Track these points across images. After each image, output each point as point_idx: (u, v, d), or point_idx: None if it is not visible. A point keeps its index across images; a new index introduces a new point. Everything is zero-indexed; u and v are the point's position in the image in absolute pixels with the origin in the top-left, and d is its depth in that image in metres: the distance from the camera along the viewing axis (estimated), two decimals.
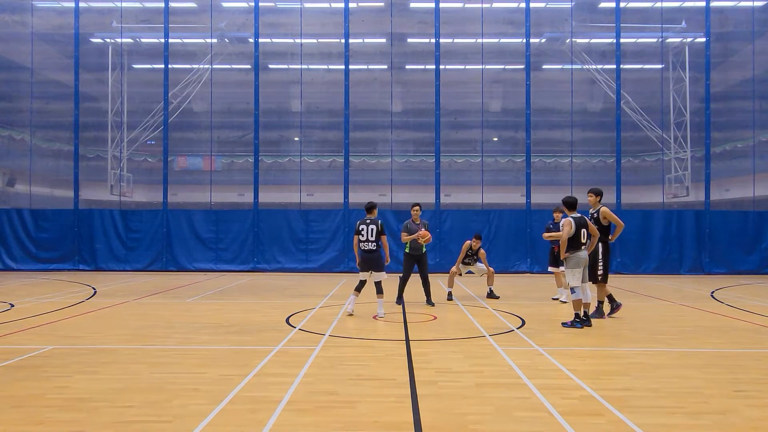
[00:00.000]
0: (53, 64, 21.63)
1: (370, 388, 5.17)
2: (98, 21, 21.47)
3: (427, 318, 9.37)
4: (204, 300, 11.78)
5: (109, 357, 6.45)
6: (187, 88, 21.14)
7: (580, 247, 8.44)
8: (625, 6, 20.58)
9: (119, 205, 20.77)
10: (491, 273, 12.04)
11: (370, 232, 9.21)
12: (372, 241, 9.20)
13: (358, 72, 21.60)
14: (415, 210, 10.82)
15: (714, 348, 7.10)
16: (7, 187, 21.43)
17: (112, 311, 10.02)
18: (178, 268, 19.13)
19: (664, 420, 4.34)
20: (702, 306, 11.00)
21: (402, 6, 21.60)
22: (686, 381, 5.46)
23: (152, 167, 22.64)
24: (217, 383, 5.32)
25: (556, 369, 5.92)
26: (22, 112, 21.20)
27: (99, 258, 19.16)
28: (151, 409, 4.59)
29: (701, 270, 18.83)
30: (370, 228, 9.22)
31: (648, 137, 21.02)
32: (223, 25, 21.49)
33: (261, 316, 9.55)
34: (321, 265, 19.13)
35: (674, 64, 21.72)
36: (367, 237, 9.21)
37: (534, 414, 4.47)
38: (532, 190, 19.63)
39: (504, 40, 21.64)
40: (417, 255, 10.68)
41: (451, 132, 22.50)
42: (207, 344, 7.23)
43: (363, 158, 23.62)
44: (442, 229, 19.22)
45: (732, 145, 21.64)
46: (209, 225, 19.44)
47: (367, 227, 9.24)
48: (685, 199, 21.09)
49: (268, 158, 23.26)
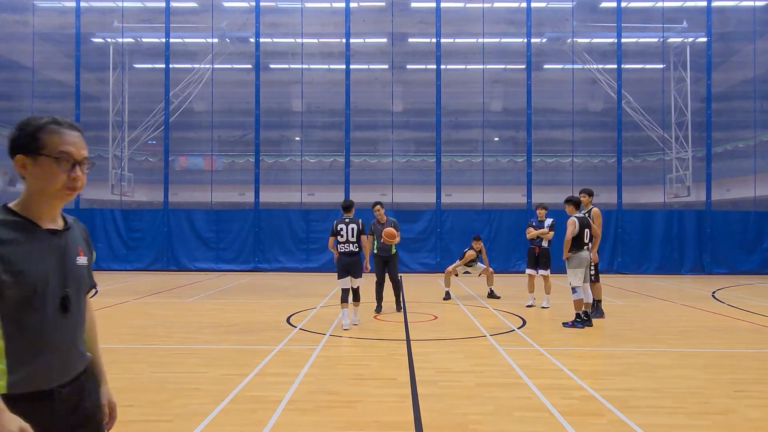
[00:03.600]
0: (54, 63, 21.66)
1: (371, 388, 5.17)
2: (99, 21, 21.50)
3: (427, 318, 9.37)
4: (205, 299, 11.78)
5: (109, 356, 6.46)
6: (188, 87, 21.15)
7: (583, 247, 8.45)
8: (626, 6, 20.57)
9: (120, 205, 20.79)
10: (491, 273, 12.02)
11: (350, 232, 8.40)
12: (353, 242, 8.40)
13: (359, 72, 21.60)
14: (377, 210, 9.99)
15: (715, 348, 7.10)
16: (8, 187, 21.44)
17: (112, 311, 10.03)
18: (179, 267, 19.14)
19: (664, 420, 4.34)
20: (703, 306, 10.99)
21: (403, 6, 21.60)
22: (687, 381, 5.46)
23: (153, 167, 22.67)
24: (218, 383, 5.32)
25: (556, 369, 5.92)
26: (23, 112, 21.20)
27: (100, 257, 19.15)
28: (151, 408, 4.59)
29: (702, 270, 18.81)
30: (350, 227, 8.42)
31: (649, 137, 21.01)
32: (224, 24, 21.50)
33: (262, 315, 9.55)
34: (322, 264, 19.12)
35: (675, 63, 21.71)
36: (347, 238, 8.40)
37: (534, 414, 4.47)
38: (533, 190, 19.60)
39: (505, 40, 21.63)
40: (386, 256, 9.86)
41: (452, 132, 22.51)
42: (208, 344, 7.23)
43: (364, 158, 23.64)
44: (442, 229, 19.22)
45: (733, 145, 21.62)
46: (210, 225, 19.44)
47: (346, 227, 8.43)
48: (686, 199, 21.08)
49: (269, 158, 23.28)
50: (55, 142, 1.74)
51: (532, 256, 10.73)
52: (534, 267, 10.67)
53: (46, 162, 1.73)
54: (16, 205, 1.75)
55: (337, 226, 8.48)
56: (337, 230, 8.46)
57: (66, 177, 1.75)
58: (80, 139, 1.81)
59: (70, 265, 1.82)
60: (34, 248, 1.72)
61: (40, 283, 1.70)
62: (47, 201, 1.77)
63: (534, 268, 10.67)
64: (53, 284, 1.73)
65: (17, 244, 1.68)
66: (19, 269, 1.66)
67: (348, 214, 8.61)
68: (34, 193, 1.76)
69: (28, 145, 1.74)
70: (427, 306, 10.72)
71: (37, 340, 1.71)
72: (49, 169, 1.73)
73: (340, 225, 8.48)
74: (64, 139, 1.76)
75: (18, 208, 1.75)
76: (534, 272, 10.67)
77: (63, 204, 1.84)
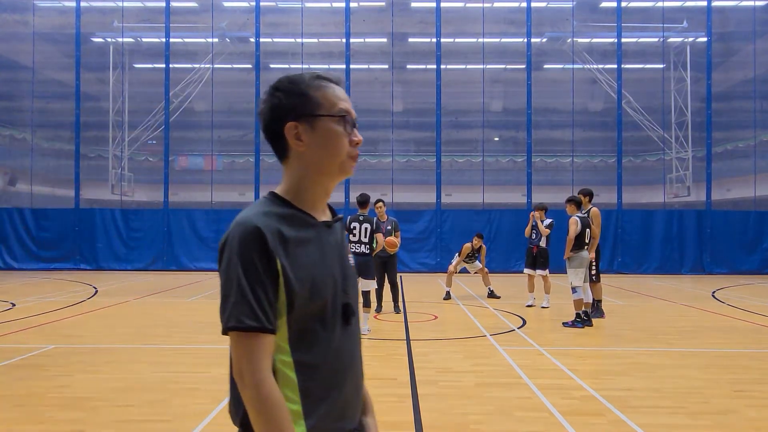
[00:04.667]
0: (54, 63, 21.65)
1: (371, 388, 5.13)
2: (99, 20, 21.49)
3: (427, 317, 9.37)
4: (205, 299, 11.78)
5: (110, 356, 6.46)
6: (188, 87, 21.15)
7: (584, 247, 8.47)
8: (626, 6, 20.56)
9: (120, 205, 20.78)
10: (486, 273, 12.00)
11: (363, 232, 7.64)
12: (365, 243, 7.66)
13: (359, 71, 21.59)
14: (379, 207, 9.47)
15: (715, 348, 7.10)
16: (8, 187, 21.45)
17: (113, 310, 10.02)
18: (179, 267, 19.13)
19: (664, 420, 4.34)
20: (703, 306, 10.99)
21: (403, 5, 21.59)
22: (687, 381, 5.46)
23: (153, 167, 22.65)
24: (218, 382, 5.32)
25: (556, 369, 5.92)
26: (24, 112, 21.22)
27: (100, 257, 19.16)
28: (151, 408, 4.59)
29: (702, 270, 18.80)
30: (363, 227, 7.66)
31: (649, 137, 21.00)
32: (224, 24, 21.50)
33: None
34: None
35: (675, 63, 21.70)
36: (359, 237, 7.64)
37: (535, 414, 4.47)
38: (533, 190, 19.60)
39: (505, 40, 21.62)
40: (385, 257, 9.38)
41: (452, 132, 22.49)
42: (208, 344, 7.23)
43: (364, 158, 23.61)
44: (442, 229, 19.21)
45: (733, 145, 21.61)
46: (210, 224, 19.43)
47: (360, 225, 7.67)
48: (686, 199, 21.07)
49: (270, 158, 23.22)
50: (330, 98, 1.37)
51: (530, 255, 10.73)
52: (532, 267, 10.66)
53: (328, 125, 1.35)
54: (285, 193, 1.37)
55: (351, 224, 7.71)
56: (350, 228, 7.69)
57: (349, 143, 1.38)
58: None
59: (347, 264, 1.43)
60: (319, 248, 1.34)
61: (328, 291, 1.32)
62: (324, 182, 1.39)
63: (532, 268, 10.65)
64: (338, 292, 1.35)
65: (304, 243, 1.30)
66: (310, 276, 1.28)
67: (363, 210, 7.84)
68: (311, 172, 1.37)
69: (301, 107, 1.35)
70: (427, 306, 10.72)
71: (331, 366, 1.32)
72: (333, 133, 1.35)
73: (353, 223, 7.72)
74: (337, 94, 1.39)
75: (289, 196, 1.36)
76: (533, 272, 10.65)
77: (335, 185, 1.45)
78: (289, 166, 1.39)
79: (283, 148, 1.39)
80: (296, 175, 1.37)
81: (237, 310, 1.20)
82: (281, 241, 1.25)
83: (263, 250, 1.22)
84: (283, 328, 1.26)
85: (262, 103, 1.41)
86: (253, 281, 1.21)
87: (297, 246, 1.28)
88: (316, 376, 1.29)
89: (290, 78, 1.39)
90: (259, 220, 1.25)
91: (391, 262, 9.65)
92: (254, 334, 1.20)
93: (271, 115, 1.38)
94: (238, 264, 1.22)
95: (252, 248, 1.22)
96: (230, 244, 1.24)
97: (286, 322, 1.26)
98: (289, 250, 1.26)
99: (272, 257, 1.23)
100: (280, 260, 1.23)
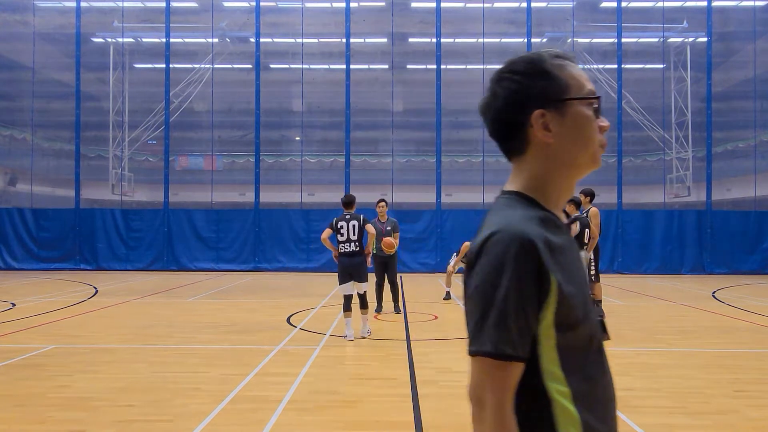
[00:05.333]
0: (55, 63, 21.66)
1: (371, 388, 5.17)
2: (100, 21, 21.50)
3: (427, 318, 9.37)
4: (205, 299, 11.78)
5: (110, 356, 6.46)
6: (188, 87, 21.15)
7: (583, 247, 8.46)
8: (626, 6, 20.56)
9: (120, 205, 20.78)
10: None
11: (351, 230, 7.48)
12: (354, 241, 7.49)
13: (359, 72, 21.59)
14: (381, 206, 9.52)
15: (715, 348, 7.09)
16: (8, 187, 21.46)
17: (113, 310, 10.02)
18: (179, 267, 19.13)
19: (664, 420, 4.34)
20: (703, 306, 10.98)
21: (403, 6, 21.59)
22: (687, 381, 5.46)
23: (153, 167, 22.66)
24: (218, 383, 5.32)
25: None
26: (24, 112, 21.23)
27: (100, 257, 19.17)
28: (152, 408, 4.59)
29: (702, 270, 18.80)
30: (351, 224, 7.50)
31: (649, 137, 21.00)
32: (224, 24, 21.51)
33: (262, 315, 9.55)
34: (322, 264, 19.11)
35: (676, 63, 21.70)
36: (348, 236, 7.48)
37: None
38: None
39: (505, 40, 21.62)
40: (385, 257, 9.43)
41: (453, 132, 22.49)
42: (208, 344, 7.23)
43: (364, 158, 23.63)
44: (443, 229, 19.21)
45: (733, 145, 21.62)
46: (210, 224, 19.44)
47: (347, 224, 7.52)
48: (686, 199, 21.07)
49: (270, 158, 23.27)
50: (578, 79, 1.17)
51: None
52: None
53: (579, 109, 1.15)
54: (529, 192, 1.17)
55: (337, 224, 7.60)
56: (337, 227, 7.57)
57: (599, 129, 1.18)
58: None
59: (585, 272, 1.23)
60: (575, 257, 1.14)
61: (591, 308, 1.14)
62: (573, 176, 1.19)
63: None
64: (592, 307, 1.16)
65: (565, 252, 1.10)
66: (582, 292, 1.11)
67: (349, 210, 7.72)
68: (558, 165, 1.17)
69: (548, 91, 1.15)
70: (427, 306, 10.72)
71: (603, 395, 1.13)
72: (585, 119, 1.15)
73: (341, 222, 7.59)
74: (582, 74, 1.18)
75: (535, 195, 1.17)
76: None
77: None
78: (525, 161, 1.18)
79: (522, 141, 1.17)
80: (539, 170, 1.17)
81: (496, 334, 1.04)
82: (550, 251, 1.06)
83: (537, 266, 1.04)
84: (552, 352, 1.07)
85: (489, 93, 1.21)
86: (519, 303, 1.04)
87: (561, 255, 1.09)
88: (594, 408, 1.09)
89: (528, 58, 1.20)
90: (528, 228, 1.06)
91: (392, 262, 9.67)
92: (508, 363, 1.04)
93: (510, 102, 1.17)
94: (505, 281, 1.04)
95: (524, 265, 1.04)
96: (495, 254, 1.05)
97: (555, 346, 1.07)
98: (559, 262, 1.07)
99: (546, 274, 1.04)
100: (554, 276, 1.05)
